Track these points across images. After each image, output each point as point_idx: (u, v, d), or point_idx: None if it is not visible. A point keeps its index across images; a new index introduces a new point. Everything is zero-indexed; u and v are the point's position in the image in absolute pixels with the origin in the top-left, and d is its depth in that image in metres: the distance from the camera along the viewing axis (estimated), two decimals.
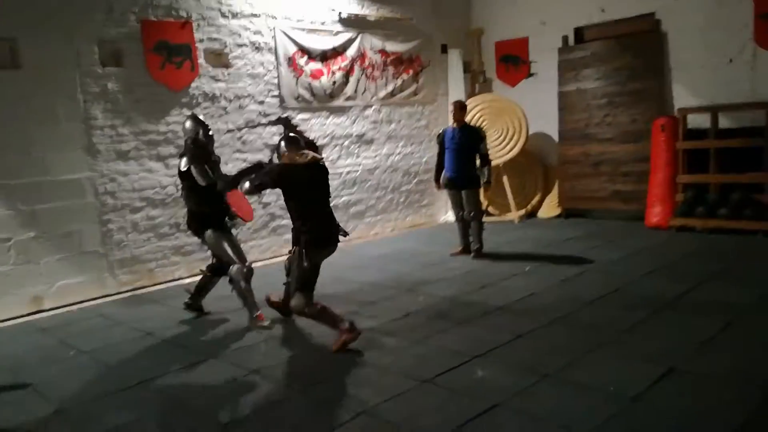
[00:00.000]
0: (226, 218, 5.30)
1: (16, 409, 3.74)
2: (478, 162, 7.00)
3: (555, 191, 9.57)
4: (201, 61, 7.06)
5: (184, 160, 5.09)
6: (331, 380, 3.86)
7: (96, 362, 4.50)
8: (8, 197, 5.73)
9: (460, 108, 7.00)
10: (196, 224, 5.23)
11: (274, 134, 7.75)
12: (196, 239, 6.95)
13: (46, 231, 5.96)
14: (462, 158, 6.90)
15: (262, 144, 7.66)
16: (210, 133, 5.26)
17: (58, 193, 6.00)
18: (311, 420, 3.34)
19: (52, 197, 5.98)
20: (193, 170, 4.99)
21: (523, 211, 9.54)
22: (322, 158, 4.68)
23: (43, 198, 5.92)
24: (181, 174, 5.14)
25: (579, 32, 9.28)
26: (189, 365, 4.29)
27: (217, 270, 5.36)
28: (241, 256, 5.15)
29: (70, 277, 6.12)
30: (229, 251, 5.13)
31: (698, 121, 7.96)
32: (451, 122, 7.19)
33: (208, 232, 5.16)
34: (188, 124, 5.22)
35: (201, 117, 5.37)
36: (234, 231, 5.40)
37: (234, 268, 5.05)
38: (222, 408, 3.56)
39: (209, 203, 5.12)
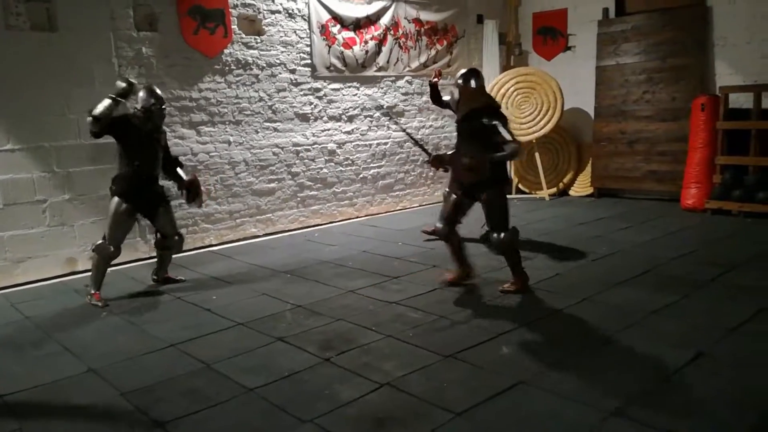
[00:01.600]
0: (183, 194, 5.32)
1: (49, 368, 3.84)
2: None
3: (588, 169, 9.39)
4: (234, 27, 7.04)
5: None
6: (354, 351, 3.88)
7: (127, 324, 4.60)
8: (44, 159, 5.84)
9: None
10: (115, 186, 5.07)
11: (304, 104, 7.75)
12: (225, 207, 7.11)
13: (80, 194, 6.06)
14: None
15: (293, 113, 7.66)
16: (163, 108, 5.15)
17: (92, 156, 6.08)
18: (334, 389, 3.37)
19: (87, 160, 6.07)
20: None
21: (554, 189, 9.41)
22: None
23: (77, 161, 6.01)
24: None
25: (620, 4, 9.01)
26: (217, 330, 4.36)
27: (161, 243, 5.40)
28: (115, 239, 5.03)
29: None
30: (110, 227, 5.01)
31: (740, 100, 7.70)
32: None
33: (115, 199, 5.02)
34: (142, 93, 5.08)
35: (158, 91, 5.19)
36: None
37: (100, 243, 5.03)
38: (247, 373, 3.62)
39: (137, 170, 5.04)
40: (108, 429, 3.09)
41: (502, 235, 4.69)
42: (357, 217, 8.48)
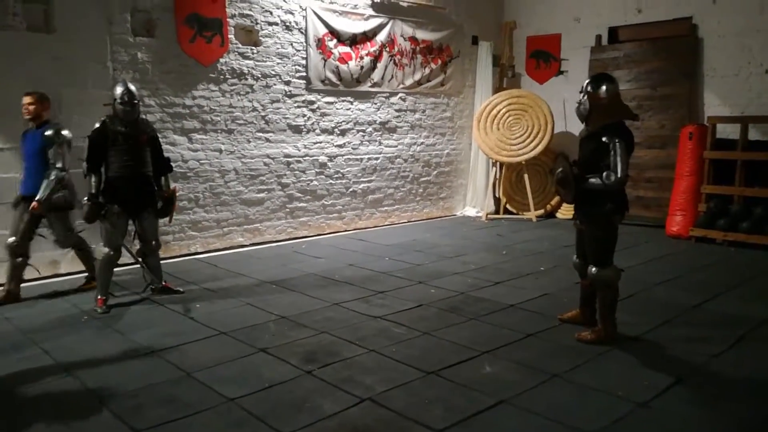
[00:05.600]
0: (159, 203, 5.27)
1: (29, 371, 3.80)
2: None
3: None
4: (231, 36, 7.07)
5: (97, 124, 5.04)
6: (337, 365, 3.87)
7: (108, 329, 4.56)
8: None
9: (40, 100, 5.26)
10: (109, 193, 5.05)
11: (297, 116, 7.77)
12: (213, 215, 7.08)
13: None
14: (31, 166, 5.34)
15: (286, 124, 7.68)
16: (133, 104, 5.05)
17: (81, 158, 6.02)
18: (315, 402, 3.35)
19: (76, 163, 6.02)
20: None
21: (541, 211, 9.47)
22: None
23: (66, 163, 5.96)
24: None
25: (613, 32, 9.15)
26: (199, 339, 4.33)
27: (140, 251, 5.38)
28: (110, 241, 5.02)
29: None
30: (104, 233, 5.04)
31: (727, 131, 7.82)
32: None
33: (113, 207, 5.01)
34: (116, 89, 5.08)
35: (129, 87, 5.09)
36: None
37: (99, 248, 5.07)
38: (228, 383, 3.59)
39: (117, 173, 5.05)
40: None
41: (594, 269, 4.22)
42: (345, 231, 8.47)
